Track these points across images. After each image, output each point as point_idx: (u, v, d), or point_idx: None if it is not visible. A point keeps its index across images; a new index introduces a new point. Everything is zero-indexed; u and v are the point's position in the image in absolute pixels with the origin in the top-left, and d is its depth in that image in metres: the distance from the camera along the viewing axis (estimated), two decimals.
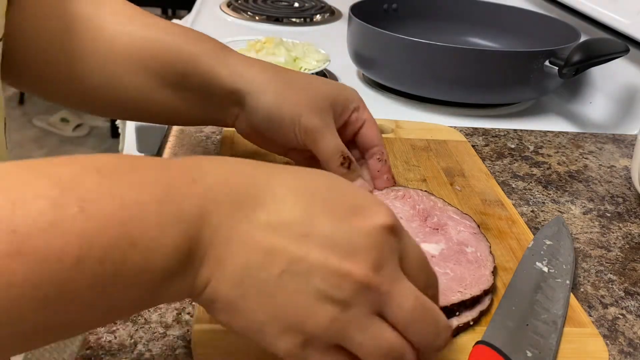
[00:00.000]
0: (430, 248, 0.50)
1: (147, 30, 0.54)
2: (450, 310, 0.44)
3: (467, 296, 0.45)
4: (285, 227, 0.32)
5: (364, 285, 0.31)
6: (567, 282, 0.49)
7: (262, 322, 0.32)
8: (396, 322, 0.33)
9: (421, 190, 0.58)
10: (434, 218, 0.54)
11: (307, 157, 0.57)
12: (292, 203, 0.33)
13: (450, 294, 0.45)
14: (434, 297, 0.36)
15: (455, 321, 0.44)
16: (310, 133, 0.53)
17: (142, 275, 0.29)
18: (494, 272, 0.49)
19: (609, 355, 0.45)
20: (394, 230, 0.33)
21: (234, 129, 0.57)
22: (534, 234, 0.56)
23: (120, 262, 0.28)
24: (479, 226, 0.54)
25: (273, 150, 0.59)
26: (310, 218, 0.32)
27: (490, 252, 0.50)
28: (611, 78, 0.95)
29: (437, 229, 0.53)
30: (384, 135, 0.72)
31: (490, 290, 0.47)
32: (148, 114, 0.58)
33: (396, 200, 0.56)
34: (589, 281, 0.53)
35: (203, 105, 0.56)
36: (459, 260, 0.48)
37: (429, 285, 0.36)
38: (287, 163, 0.56)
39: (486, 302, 0.46)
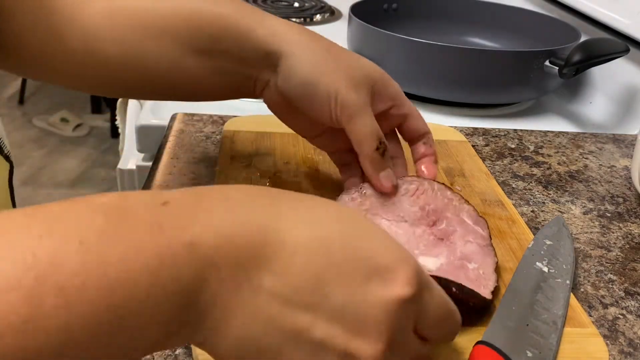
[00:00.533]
0: (429, 262, 0.47)
1: None
2: (447, 287, 0.42)
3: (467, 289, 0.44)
4: (292, 293, 0.29)
5: None
6: (567, 282, 0.49)
7: None
8: None
9: (438, 182, 0.52)
10: (442, 223, 0.49)
11: (336, 150, 0.54)
12: (302, 264, 0.29)
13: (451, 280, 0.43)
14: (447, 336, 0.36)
15: None
16: (347, 109, 0.48)
17: (131, 352, 0.27)
18: (494, 292, 0.46)
19: (609, 355, 0.45)
20: (414, 298, 0.31)
21: (234, 129, 0.57)
22: (534, 234, 0.56)
23: (105, 346, 0.26)
24: (490, 236, 0.49)
25: (299, 130, 0.55)
26: (321, 285, 0.29)
27: (495, 270, 0.47)
28: (611, 78, 0.95)
29: (442, 239, 0.49)
30: None
31: (488, 309, 0.45)
32: (171, 89, 0.53)
33: (405, 197, 0.51)
34: (589, 281, 0.53)
35: (233, 72, 0.51)
36: (458, 277, 0.45)
37: (448, 334, 0.35)
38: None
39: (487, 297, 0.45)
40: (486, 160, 0.72)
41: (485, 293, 0.44)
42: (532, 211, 0.62)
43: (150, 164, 0.67)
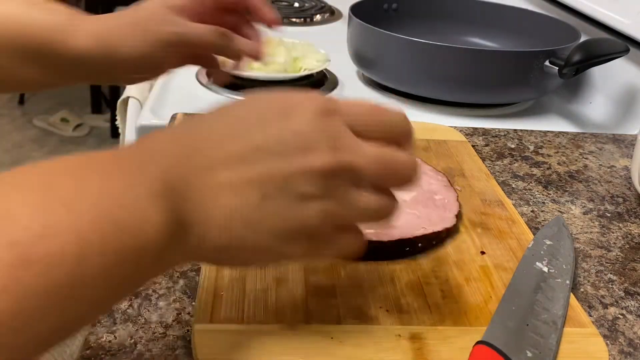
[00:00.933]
0: (404, 195, 0.55)
1: (8, 5, 0.54)
2: (414, 243, 0.51)
3: (430, 231, 0.52)
4: (237, 157, 0.33)
5: (331, 170, 0.34)
6: (567, 282, 0.49)
7: (265, 247, 0.34)
8: (370, 183, 0.36)
9: None
10: None
11: (185, 61, 0.60)
12: (229, 135, 0.34)
13: (415, 230, 0.52)
14: (401, 134, 0.38)
15: (423, 230, 0.52)
16: (178, 35, 0.55)
17: (142, 255, 0.30)
18: (458, 216, 0.55)
19: (609, 355, 0.45)
20: (330, 109, 0.35)
21: None
22: (534, 234, 0.56)
23: (119, 250, 0.29)
24: (449, 181, 0.60)
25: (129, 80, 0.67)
26: (252, 137, 0.34)
27: (457, 200, 0.57)
28: (611, 78, 0.95)
29: None
30: None
31: (453, 230, 0.54)
32: (9, 88, 0.60)
33: None
34: (589, 281, 0.53)
35: (68, 77, 0.57)
36: (427, 204, 0.56)
37: (388, 128, 0.38)
38: None
39: (452, 220, 0.54)
40: (486, 160, 0.72)
41: (450, 217, 0.54)
42: (532, 211, 0.62)
43: None
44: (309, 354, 0.41)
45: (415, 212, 0.54)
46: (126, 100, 0.94)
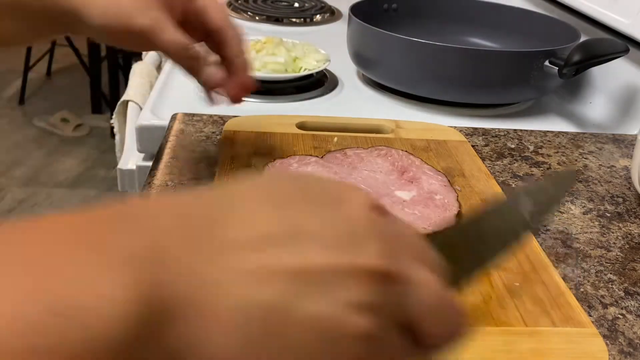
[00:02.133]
0: (403, 195, 0.58)
1: None
2: None
3: (430, 231, 0.51)
4: (266, 238, 0.24)
5: (385, 275, 0.25)
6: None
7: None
8: (417, 314, 0.26)
9: (402, 150, 0.66)
10: (410, 173, 0.61)
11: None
12: (264, 212, 0.25)
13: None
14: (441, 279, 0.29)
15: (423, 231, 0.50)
16: (145, 34, 0.52)
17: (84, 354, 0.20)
18: (458, 216, 0.56)
19: (609, 355, 0.45)
20: (381, 208, 0.28)
21: (234, 129, 0.57)
22: (533, 234, 0.56)
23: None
24: (449, 181, 0.61)
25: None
26: (292, 219, 0.25)
27: (457, 200, 0.58)
28: (611, 78, 0.95)
29: (412, 182, 0.60)
30: (383, 136, 0.72)
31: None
32: None
33: (378, 157, 0.64)
34: (589, 281, 0.53)
35: (39, 30, 0.55)
36: (427, 205, 0.56)
37: (434, 265, 0.29)
38: None
39: (452, 221, 0.53)
40: (486, 160, 0.72)
41: (450, 217, 0.55)
42: None
43: (150, 164, 0.67)
44: None
45: (416, 212, 0.55)
46: (126, 103, 0.94)
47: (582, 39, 0.89)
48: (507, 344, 0.43)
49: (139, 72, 1.05)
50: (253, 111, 0.75)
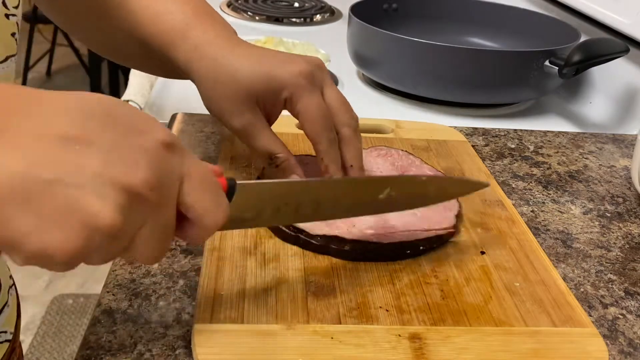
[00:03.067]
0: None
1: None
2: (415, 245, 0.51)
3: (432, 234, 0.52)
4: (61, 137, 0.30)
5: (139, 198, 0.32)
6: None
7: (33, 226, 0.29)
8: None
9: (402, 150, 0.65)
10: (410, 172, 0.61)
11: None
12: (68, 117, 0.31)
13: (416, 232, 0.52)
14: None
15: (425, 233, 0.52)
16: (237, 133, 0.53)
17: None
18: (458, 216, 0.56)
19: (609, 355, 0.45)
20: (174, 147, 0.34)
21: None
22: (534, 234, 0.56)
23: None
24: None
25: None
26: (92, 131, 0.31)
27: (458, 199, 0.58)
28: (611, 78, 0.95)
29: None
30: (383, 136, 0.72)
31: (454, 231, 0.54)
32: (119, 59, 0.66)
33: (378, 157, 0.63)
34: (589, 281, 0.53)
35: (167, 74, 0.62)
36: None
37: (211, 208, 0.36)
38: None
39: (452, 220, 0.54)
40: (486, 160, 0.72)
41: (450, 217, 0.55)
42: (532, 211, 0.62)
43: None
44: (309, 354, 0.41)
45: (416, 213, 0.55)
46: (126, 102, 0.94)
47: (582, 39, 0.89)
48: (507, 344, 0.43)
49: (139, 72, 1.05)
50: None
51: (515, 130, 0.81)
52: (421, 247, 0.51)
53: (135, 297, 0.46)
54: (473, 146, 0.73)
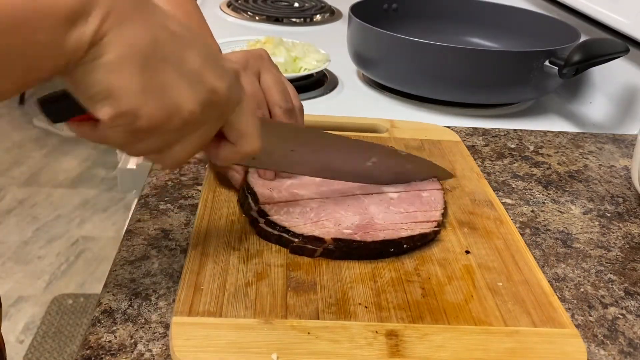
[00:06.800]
0: (391, 191, 0.58)
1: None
2: (399, 244, 0.51)
3: (416, 233, 0.52)
4: (173, 33, 0.37)
5: (216, 102, 0.39)
6: None
7: (139, 88, 0.35)
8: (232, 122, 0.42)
9: (387, 146, 0.66)
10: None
11: None
12: (177, 22, 0.38)
13: (400, 230, 0.52)
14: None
15: (410, 232, 0.52)
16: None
17: (47, 18, 0.32)
18: (444, 214, 0.56)
19: (609, 355, 0.45)
20: (240, 79, 0.42)
21: None
22: (533, 234, 0.56)
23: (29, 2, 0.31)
24: (437, 178, 0.61)
25: None
26: (192, 36, 0.38)
27: (444, 197, 0.58)
28: (611, 78, 0.95)
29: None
30: (378, 135, 0.72)
31: (439, 230, 0.54)
32: None
33: None
34: (589, 281, 0.53)
35: None
36: (413, 202, 0.57)
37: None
38: None
39: (438, 217, 0.55)
40: (486, 160, 0.72)
41: (436, 214, 0.55)
42: (532, 211, 0.62)
43: (150, 163, 0.67)
44: (284, 349, 0.41)
45: (401, 210, 0.55)
46: None
47: (582, 39, 0.89)
48: (485, 343, 0.43)
49: None
50: None
51: (515, 130, 0.81)
52: (405, 246, 0.52)
53: (135, 297, 0.46)
54: (473, 146, 0.73)
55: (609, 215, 0.63)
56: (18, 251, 2.08)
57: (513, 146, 0.76)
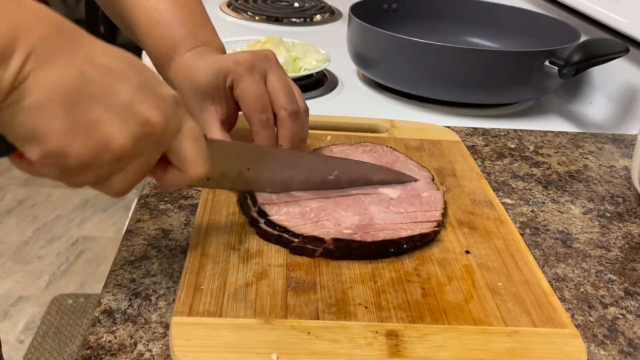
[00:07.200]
0: (390, 192, 0.58)
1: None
2: (399, 244, 0.51)
3: (416, 233, 0.52)
4: (103, 67, 0.37)
5: (150, 134, 0.38)
6: None
7: (64, 129, 0.35)
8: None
9: (387, 146, 0.67)
10: (394, 169, 0.61)
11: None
12: (109, 54, 0.38)
13: (400, 230, 0.52)
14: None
15: (410, 232, 0.52)
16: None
17: None
18: (444, 214, 0.56)
19: (609, 355, 0.45)
20: (179, 103, 0.41)
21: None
22: (533, 234, 0.56)
23: None
24: (433, 178, 0.62)
25: None
26: (124, 68, 0.38)
27: (444, 197, 0.58)
28: (611, 78, 0.95)
29: None
30: (377, 135, 0.72)
31: (438, 230, 0.54)
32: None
33: (363, 153, 0.64)
34: (589, 281, 0.53)
35: None
36: (413, 202, 0.57)
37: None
38: None
39: (438, 217, 0.55)
40: (486, 160, 0.72)
41: (436, 215, 0.55)
42: (532, 211, 0.62)
43: None
44: (284, 349, 0.41)
45: (401, 210, 0.55)
46: None
47: (582, 39, 0.89)
48: (484, 343, 0.43)
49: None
50: None
51: (515, 130, 0.81)
52: (405, 246, 0.52)
53: (135, 297, 0.46)
54: (473, 146, 0.73)
55: (609, 215, 0.63)
56: (18, 251, 2.08)
57: (513, 146, 0.76)
